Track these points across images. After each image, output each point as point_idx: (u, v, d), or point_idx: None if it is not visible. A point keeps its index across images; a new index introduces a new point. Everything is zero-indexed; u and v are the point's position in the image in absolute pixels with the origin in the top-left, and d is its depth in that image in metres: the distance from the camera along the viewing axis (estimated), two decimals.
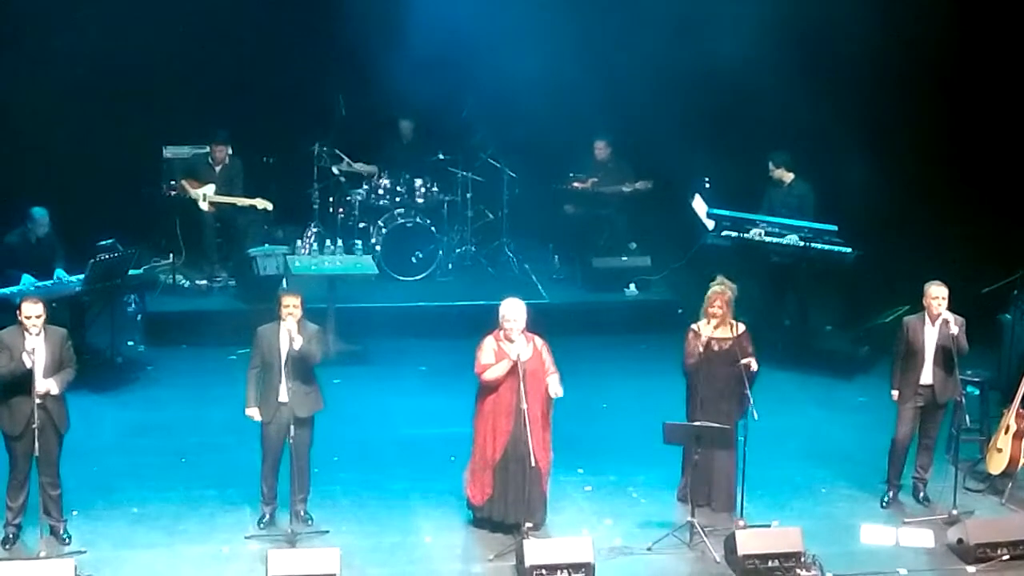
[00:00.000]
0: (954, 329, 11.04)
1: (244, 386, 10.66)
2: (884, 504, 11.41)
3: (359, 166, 16.23)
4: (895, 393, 11.35)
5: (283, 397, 10.54)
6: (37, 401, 10.00)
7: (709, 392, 10.89)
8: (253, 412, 10.65)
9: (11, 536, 10.34)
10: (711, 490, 10.99)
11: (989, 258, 14.19)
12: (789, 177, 14.88)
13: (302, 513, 10.72)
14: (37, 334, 10.12)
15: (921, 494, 11.45)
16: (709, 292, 11.01)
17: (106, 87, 15.54)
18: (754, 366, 10.90)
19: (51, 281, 13.29)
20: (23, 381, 10.05)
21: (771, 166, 14.89)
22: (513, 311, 10.57)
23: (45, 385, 10.09)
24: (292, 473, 10.57)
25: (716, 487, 11.01)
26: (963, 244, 14.88)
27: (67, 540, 10.38)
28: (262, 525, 10.73)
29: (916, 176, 15.56)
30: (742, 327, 11.02)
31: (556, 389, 10.53)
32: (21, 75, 15.01)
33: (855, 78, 15.73)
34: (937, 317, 11.16)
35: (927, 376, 11.24)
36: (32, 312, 10.11)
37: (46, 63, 15.13)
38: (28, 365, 10.00)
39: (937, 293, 11.17)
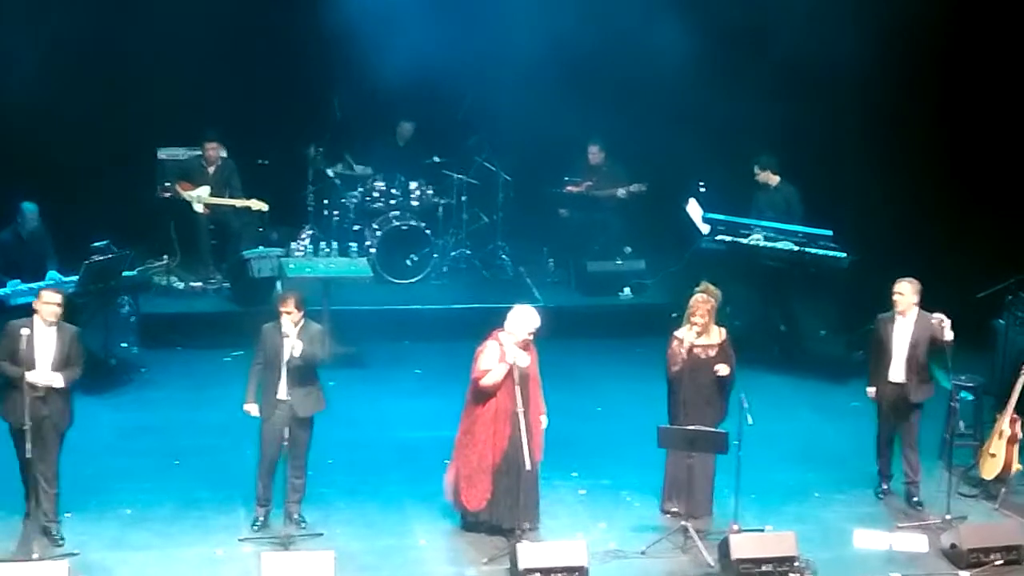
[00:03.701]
0: (948, 335, 11.07)
1: (243, 384, 10.70)
2: (879, 495, 11.54)
3: (360, 168, 16.22)
4: (871, 390, 11.52)
5: (282, 395, 10.57)
6: (39, 394, 10.10)
7: (696, 399, 10.90)
8: (251, 408, 10.68)
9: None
10: (688, 498, 10.87)
11: (984, 263, 14.21)
12: (775, 180, 14.93)
13: (296, 515, 10.72)
14: (51, 324, 10.20)
15: (915, 498, 11.48)
16: (692, 301, 11.03)
17: (100, 89, 15.51)
18: (723, 371, 10.88)
19: (43, 283, 13.27)
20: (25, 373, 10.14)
21: (756, 169, 14.94)
22: (537, 323, 10.56)
23: (49, 377, 10.16)
24: (287, 474, 10.58)
25: (692, 494, 10.92)
26: (958, 249, 14.89)
27: (60, 542, 10.39)
28: (256, 527, 10.74)
29: (911, 181, 15.56)
30: (724, 333, 11.04)
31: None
32: (14, 75, 14.98)
33: (850, 81, 15.72)
34: (904, 313, 11.23)
35: (896, 373, 11.34)
36: (52, 300, 10.26)
37: (39, 64, 15.09)
38: (26, 352, 10.07)
39: (898, 288, 11.29)
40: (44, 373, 10.16)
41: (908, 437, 11.43)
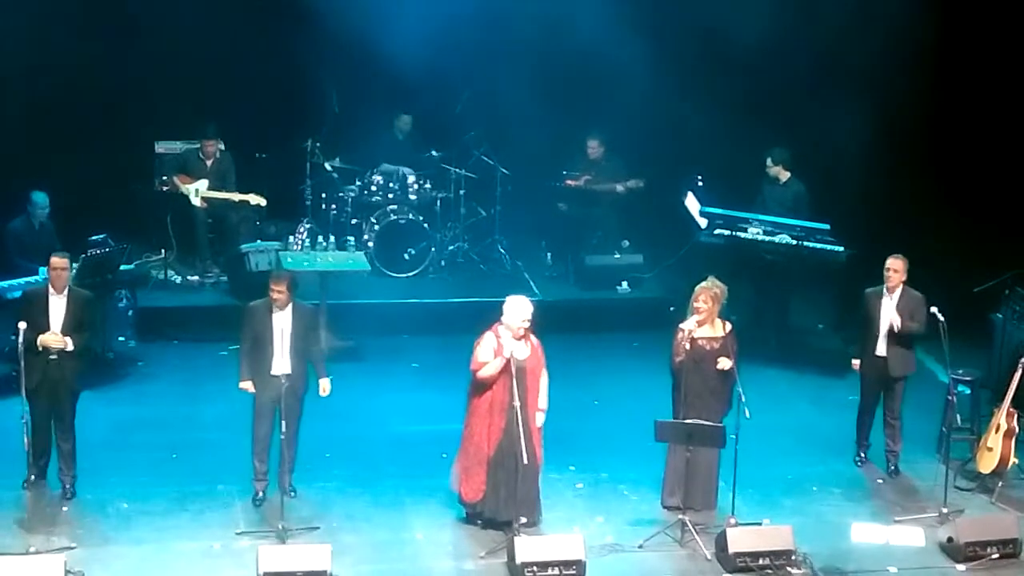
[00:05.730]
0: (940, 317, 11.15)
1: (236, 370, 10.86)
2: (857, 462, 11.84)
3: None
4: (855, 362, 11.74)
5: (275, 370, 10.67)
6: (53, 356, 10.50)
7: (699, 390, 10.90)
8: (247, 385, 10.85)
9: (32, 477, 10.55)
10: (689, 491, 10.86)
11: (981, 257, 14.21)
12: (786, 175, 14.92)
13: (287, 485, 10.82)
14: (62, 290, 10.56)
15: (891, 467, 11.80)
16: (696, 288, 11.05)
17: (98, 82, 15.50)
18: (724, 364, 10.87)
19: (38, 276, 13.27)
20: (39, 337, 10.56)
21: (769, 162, 14.91)
22: (529, 312, 10.57)
23: (60, 340, 10.51)
24: (280, 446, 10.64)
25: (694, 487, 10.90)
26: (955, 243, 14.90)
27: (71, 493, 10.77)
28: (257, 503, 10.87)
29: (909, 175, 15.57)
30: (729, 325, 11.04)
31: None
32: (13, 70, 14.97)
33: (845, 73, 15.73)
34: (893, 289, 11.40)
35: (881, 348, 11.55)
36: (59, 265, 10.69)
37: (38, 58, 15.09)
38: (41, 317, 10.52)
39: (892, 265, 11.47)
40: (55, 336, 10.53)
41: (891, 409, 11.72)
